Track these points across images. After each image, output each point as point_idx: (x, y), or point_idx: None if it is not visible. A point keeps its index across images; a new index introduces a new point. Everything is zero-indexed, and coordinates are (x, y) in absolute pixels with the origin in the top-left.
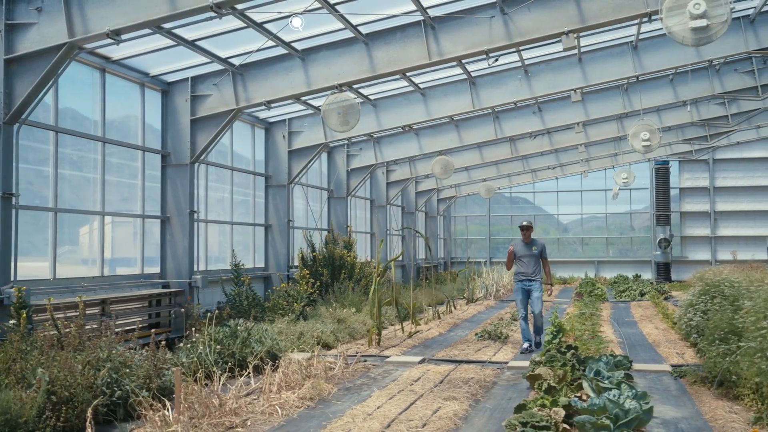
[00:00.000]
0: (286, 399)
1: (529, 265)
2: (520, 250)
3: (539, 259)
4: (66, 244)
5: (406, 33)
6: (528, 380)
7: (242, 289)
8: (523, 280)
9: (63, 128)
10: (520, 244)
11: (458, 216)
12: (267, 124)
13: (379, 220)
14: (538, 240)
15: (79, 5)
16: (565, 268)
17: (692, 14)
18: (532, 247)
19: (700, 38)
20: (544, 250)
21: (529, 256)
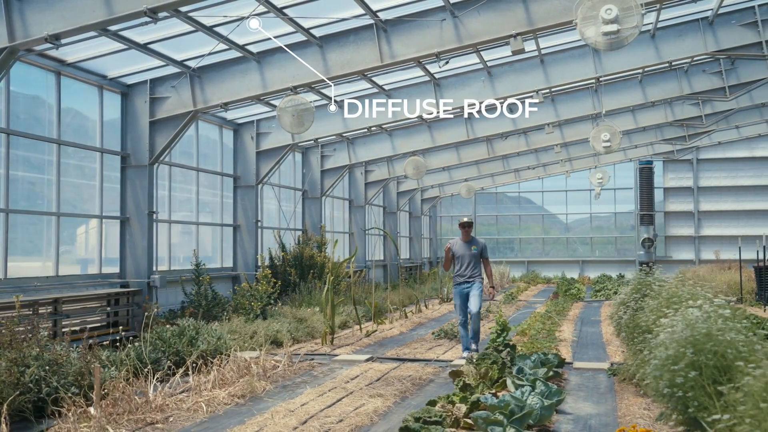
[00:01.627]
0: (215, 396)
1: (468, 266)
2: (459, 250)
3: (479, 259)
4: (21, 244)
5: (359, 36)
6: (450, 377)
7: (202, 288)
8: (461, 283)
9: (15, 130)
10: (458, 243)
11: (444, 216)
12: (235, 126)
13: (357, 220)
14: (478, 239)
15: (19, 10)
16: (550, 267)
17: (604, 19)
18: (471, 246)
19: (611, 43)
20: (484, 250)
21: (468, 256)
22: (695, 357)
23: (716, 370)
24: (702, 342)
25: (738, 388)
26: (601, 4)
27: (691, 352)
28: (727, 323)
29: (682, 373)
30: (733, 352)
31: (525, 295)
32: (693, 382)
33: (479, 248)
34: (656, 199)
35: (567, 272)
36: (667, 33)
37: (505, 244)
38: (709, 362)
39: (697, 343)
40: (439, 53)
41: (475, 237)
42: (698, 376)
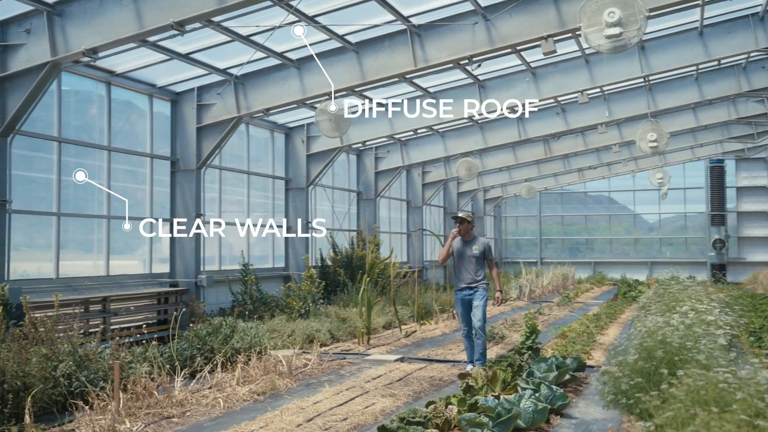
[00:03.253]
0: (236, 393)
1: (469, 270)
2: (459, 250)
3: (482, 261)
4: (73, 246)
5: (394, 41)
6: (459, 378)
7: (248, 288)
8: (462, 289)
9: (66, 138)
10: (460, 242)
11: (509, 216)
12: (286, 130)
13: (414, 220)
14: (480, 238)
15: (61, 26)
16: (617, 268)
17: (607, 22)
18: (472, 246)
19: (614, 46)
20: (488, 250)
21: (468, 257)
22: (645, 363)
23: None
24: (652, 348)
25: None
26: (604, 7)
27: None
28: (692, 330)
29: (625, 379)
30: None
31: (585, 297)
32: (636, 389)
33: (482, 249)
34: (728, 198)
35: (635, 274)
36: (716, 30)
37: (571, 245)
38: (654, 368)
39: (649, 350)
40: (472, 56)
41: (478, 236)
42: (643, 383)
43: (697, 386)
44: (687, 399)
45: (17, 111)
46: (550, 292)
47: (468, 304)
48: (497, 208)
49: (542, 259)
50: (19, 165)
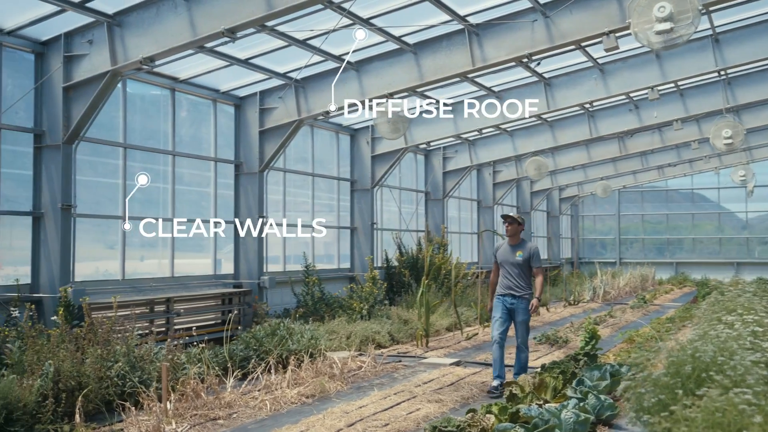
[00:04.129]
0: (284, 395)
1: (512, 276)
2: (502, 255)
3: (527, 269)
4: (138, 247)
5: (452, 41)
6: (504, 386)
7: (311, 289)
8: (504, 295)
9: (131, 144)
10: (504, 246)
11: (586, 215)
12: (351, 131)
13: (485, 220)
14: (527, 243)
15: (120, 36)
16: (701, 269)
17: (657, 17)
18: (516, 251)
19: (665, 41)
20: (534, 257)
21: (512, 264)
22: (671, 379)
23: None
24: (681, 362)
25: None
26: (655, 2)
27: (667, 372)
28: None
29: (648, 396)
30: (710, 376)
31: (663, 299)
32: (660, 407)
33: (527, 255)
34: None
35: (719, 275)
36: None
37: (652, 245)
38: (681, 385)
39: (678, 364)
40: (531, 54)
41: (526, 240)
42: (667, 400)
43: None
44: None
45: (81, 119)
46: (627, 293)
47: (508, 312)
48: (574, 207)
49: (621, 260)
50: (86, 170)
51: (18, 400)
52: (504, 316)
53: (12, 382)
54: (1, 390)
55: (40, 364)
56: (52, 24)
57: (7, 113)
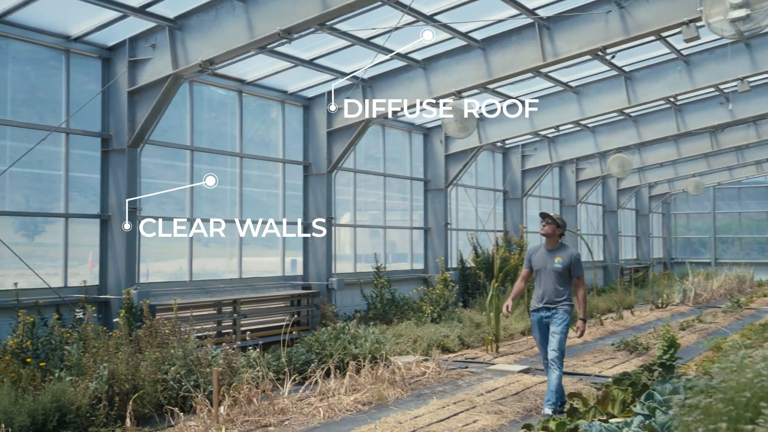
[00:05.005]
0: (340, 402)
1: (548, 286)
2: (538, 261)
3: (566, 278)
4: (206, 249)
5: (521, 35)
6: (568, 399)
7: (380, 291)
8: (539, 309)
9: (198, 147)
10: (540, 251)
11: (679, 213)
12: (425, 130)
13: (568, 219)
14: (567, 248)
15: (181, 40)
16: None
17: (731, 4)
18: (555, 257)
19: (741, 31)
20: (575, 265)
21: (549, 271)
22: (724, 406)
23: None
24: (738, 388)
25: None
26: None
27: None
28: None
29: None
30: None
31: (760, 302)
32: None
33: (566, 262)
34: None
35: None
36: None
37: (751, 245)
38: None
39: (736, 389)
40: (606, 47)
41: (565, 245)
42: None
43: None
44: None
45: (145, 122)
46: (721, 296)
47: (546, 329)
48: (665, 205)
49: (717, 260)
50: (154, 173)
51: (71, 403)
52: (544, 337)
53: (65, 385)
54: (54, 392)
55: (96, 367)
56: (118, 30)
57: (77, 118)
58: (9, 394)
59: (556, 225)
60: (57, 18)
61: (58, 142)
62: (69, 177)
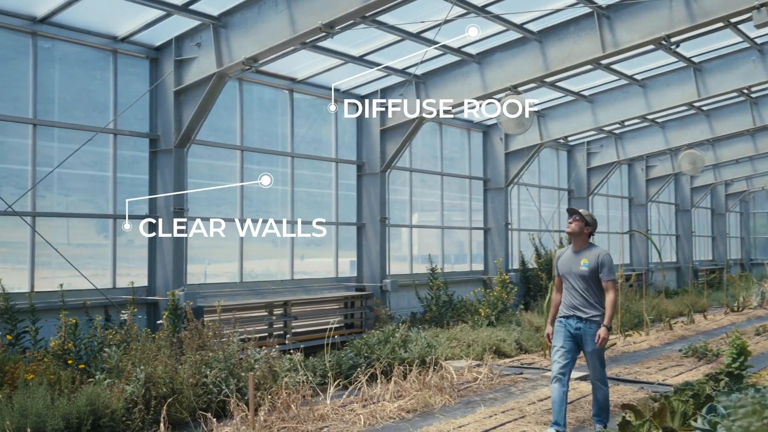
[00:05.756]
0: (384, 408)
1: (577, 292)
2: (565, 264)
3: (595, 283)
4: (256, 250)
5: (580, 26)
6: (621, 410)
7: (436, 293)
8: (568, 317)
9: (248, 147)
10: (567, 254)
11: (758, 212)
12: (484, 128)
13: (638, 218)
14: (595, 248)
15: (226, 38)
16: None
17: None
18: (580, 259)
19: None
20: (605, 267)
21: (576, 276)
22: None
23: None
24: None
25: None
26: None
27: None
28: None
29: None
30: None
31: None
32: None
33: (593, 264)
34: None
35: None
36: None
37: None
38: None
39: None
40: (669, 36)
41: (594, 245)
42: None
43: None
44: None
45: (191, 122)
46: None
47: (572, 338)
48: (743, 203)
49: None
50: (203, 173)
51: (105, 406)
52: (568, 345)
53: (100, 388)
54: (88, 395)
55: (134, 369)
56: (164, 29)
57: (126, 119)
58: (44, 397)
59: (585, 223)
60: (103, 18)
61: (106, 144)
62: (117, 178)
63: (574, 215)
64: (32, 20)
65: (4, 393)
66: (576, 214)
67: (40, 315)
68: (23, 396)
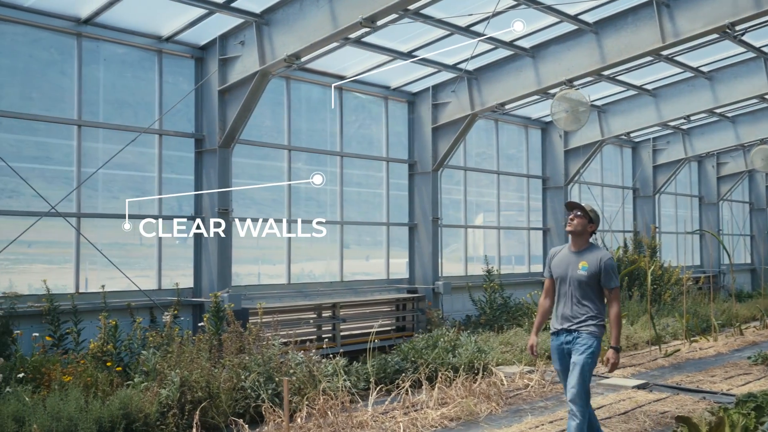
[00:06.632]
0: (426, 416)
1: (572, 299)
2: (559, 265)
3: (594, 289)
4: (305, 251)
5: (638, 16)
6: (676, 422)
7: (491, 295)
8: (559, 332)
9: (295, 146)
10: (562, 253)
11: None
12: (542, 124)
13: (708, 218)
14: (598, 249)
15: (268, 35)
16: None
17: None
18: (579, 261)
19: None
20: (605, 273)
21: (573, 280)
22: None
23: None
24: None
25: None
26: None
27: None
28: None
29: None
30: None
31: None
32: None
33: (593, 268)
34: None
35: None
36: None
37: None
38: None
39: None
40: (733, 24)
41: (595, 246)
42: None
43: None
44: None
45: (234, 121)
46: None
47: (568, 358)
48: None
49: None
50: (250, 173)
51: (139, 410)
52: (564, 367)
53: (133, 391)
54: (121, 399)
55: (169, 372)
56: (209, 28)
57: (174, 120)
58: (77, 400)
59: (588, 220)
60: (146, 18)
61: (151, 144)
62: (162, 178)
63: (575, 210)
64: (77, 21)
65: (39, 395)
66: (577, 209)
67: (84, 316)
68: (57, 399)
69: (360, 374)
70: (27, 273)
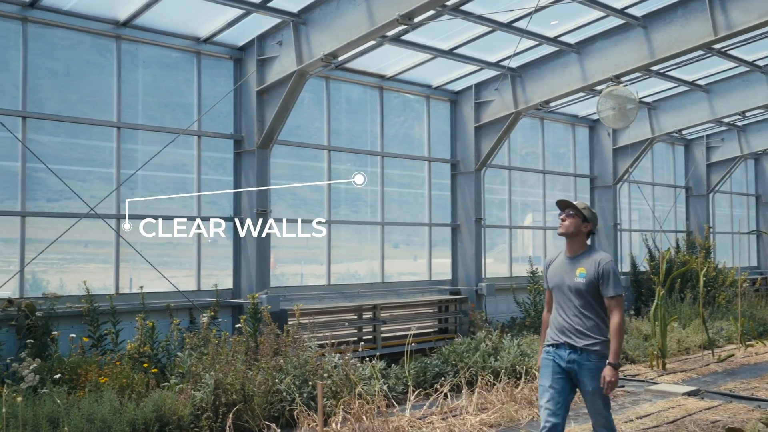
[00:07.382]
0: (464, 422)
1: (570, 311)
2: (555, 274)
3: (594, 299)
4: (346, 251)
5: (688, 8)
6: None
7: (535, 297)
8: (557, 345)
9: (335, 146)
10: (558, 260)
11: None
12: (590, 122)
13: (766, 218)
14: (597, 252)
15: (306, 35)
16: None
17: None
18: (576, 267)
19: None
20: (608, 278)
21: (570, 289)
22: None
23: None
24: None
25: None
26: None
27: None
28: None
29: None
30: None
31: None
32: None
33: (591, 274)
34: None
35: None
36: None
37: None
38: None
39: None
40: None
41: (594, 249)
42: None
43: None
44: None
45: (272, 122)
46: None
47: (565, 376)
48: None
49: None
50: (289, 174)
51: (172, 413)
52: (558, 385)
53: (167, 393)
54: (155, 401)
55: (204, 375)
56: (247, 28)
57: (213, 121)
58: (112, 401)
59: (582, 219)
60: (184, 19)
61: (190, 145)
62: (201, 180)
63: (567, 209)
64: (115, 24)
65: (75, 397)
66: (570, 208)
67: (123, 317)
68: (92, 400)
69: (399, 378)
70: (76, 273)
